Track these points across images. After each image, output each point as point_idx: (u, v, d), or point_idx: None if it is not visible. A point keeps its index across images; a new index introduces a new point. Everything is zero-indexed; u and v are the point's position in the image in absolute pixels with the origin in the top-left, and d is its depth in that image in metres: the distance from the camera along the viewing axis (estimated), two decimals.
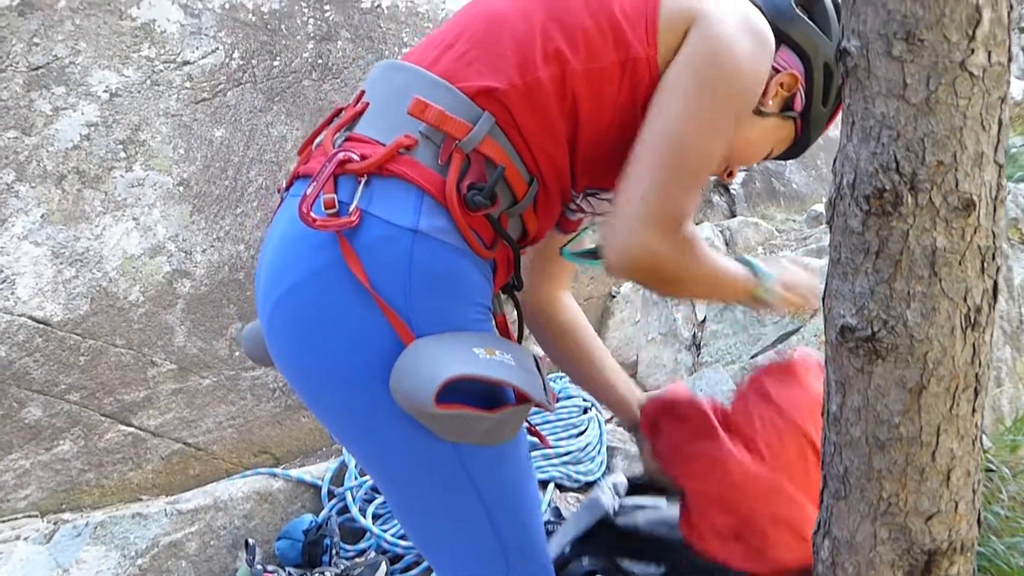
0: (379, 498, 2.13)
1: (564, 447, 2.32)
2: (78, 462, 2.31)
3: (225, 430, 2.52)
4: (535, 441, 2.07)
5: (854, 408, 0.83)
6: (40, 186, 2.29)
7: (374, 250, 0.99)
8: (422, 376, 0.94)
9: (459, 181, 1.02)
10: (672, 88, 1.06)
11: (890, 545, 0.84)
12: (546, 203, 1.12)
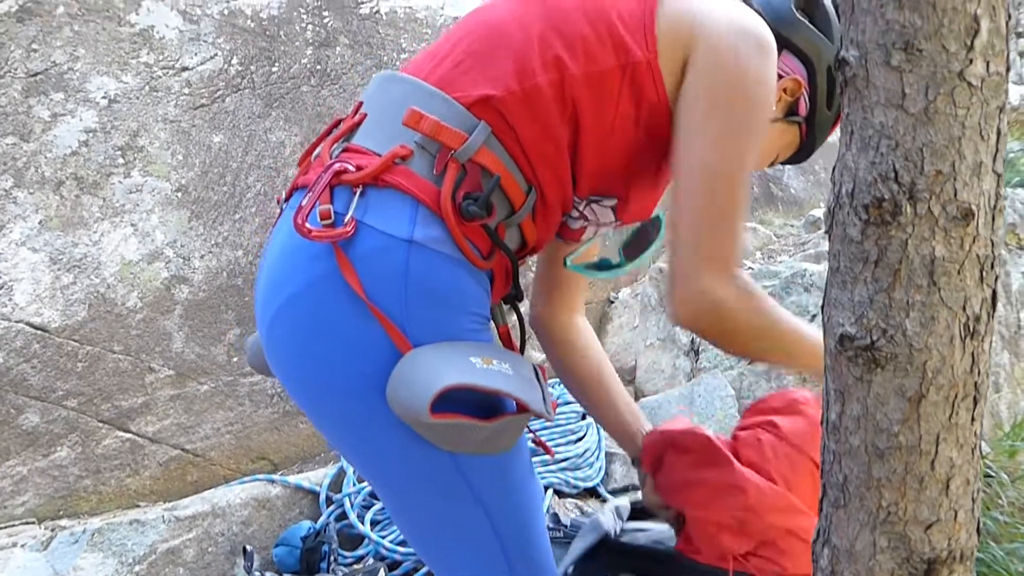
0: (377, 504, 2.12)
1: (562, 453, 2.32)
2: (75, 468, 2.30)
3: (223, 436, 2.52)
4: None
5: (853, 417, 0.83)
6: (38, 192, 2.29)
7: (369, 260, 0.99)
8: (418, 385, 0.94)
9: (454, 191, 1.02)
10: (692, 121, 1.07)
11: (889, 554, 0.84)
12: (545, 213, 1.12)
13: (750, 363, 2.57)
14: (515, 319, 1.22)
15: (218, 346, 2.52)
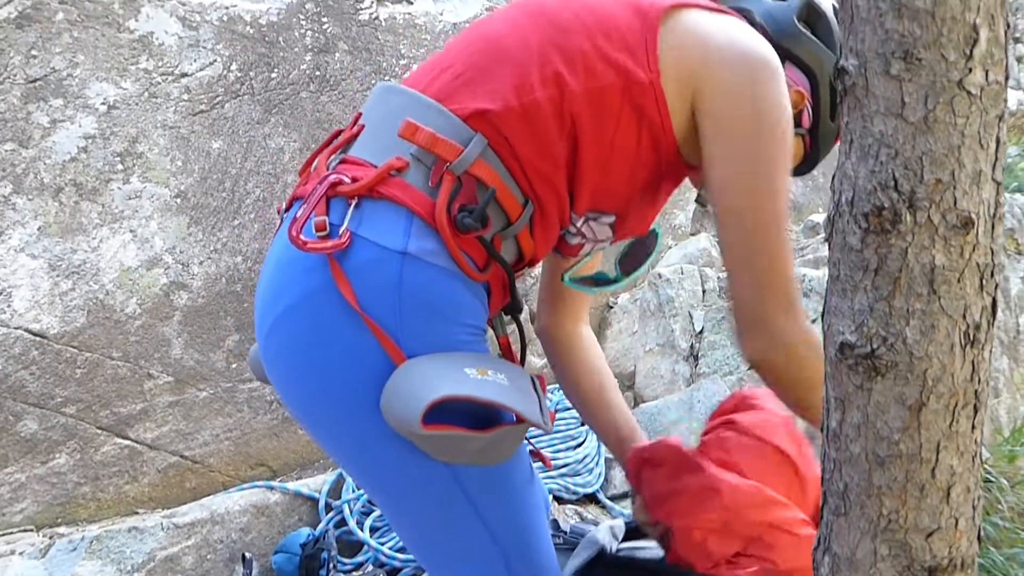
0: (376, 511, 2.12)
1: (562, 459, 2.32)
2: (74, 475, 2.30)
3: (222, 442, 2.51)
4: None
5: (853, 425, 0.83)
6: (37, 198, 2.29)
7: (364, 272, 1.00)
8: (411, 397, 0.93)
9: (449, 203, 1.01)
10: (726, 170, 1.08)
11: (890, 562, 0.84)
12: (543, 225, 1.11)
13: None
14: (515, 329, 1.22)
15: (217, 352, 2.51)
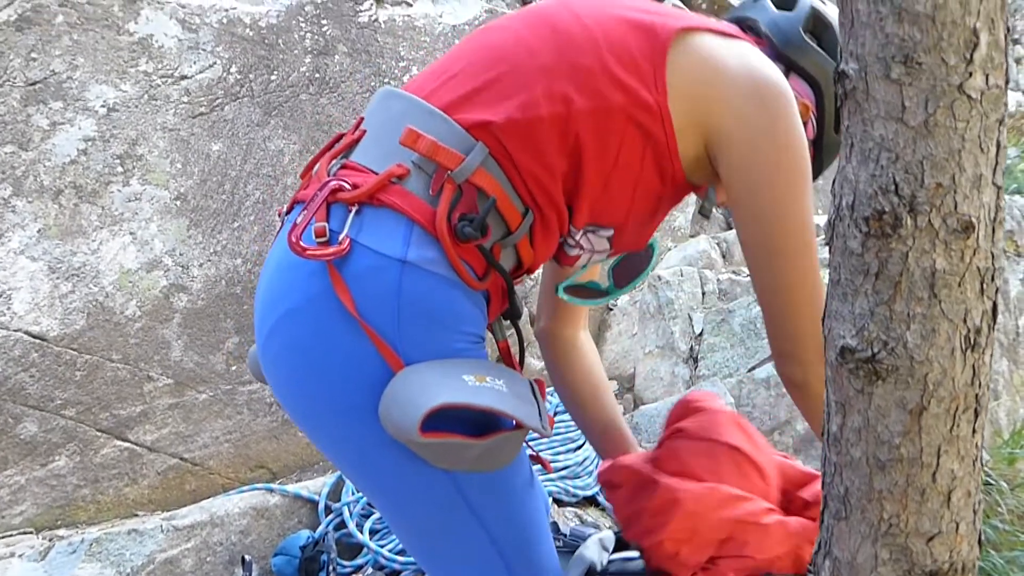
0: (376, 513, 2.12)
1: (561, 461, 2.31)
2: (74, 478, 2.29)
3: (222, 445, 2.51)
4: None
5: (854, 429, 0.83)
6: (37, 201, 2.29)
7: (363, 280, 0.99)
8: (409, 404, 0.93)
9: (450, 212, 1.01)
10: (749, 203, 1.10)
11: (891, 566, 0.84)
12: (543, 234, 1.11)
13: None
14: (514, 333, 1.22)
15: (217, 355, 2.51)
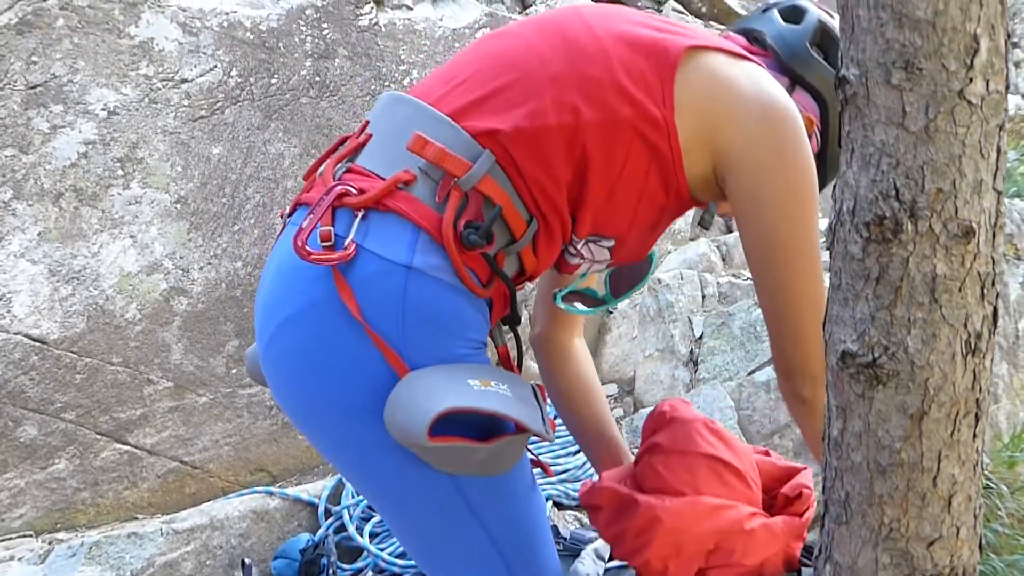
0: (376, 516, 2.12)
1: (562, 465, 2.31)
2: (73, 481, 2.29)
3: (221, 448, 2.51)
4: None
5: (855, 433, 0.83)
6: (37, 204, 2.29)
7: (368, 285, 0.99)
8: (415, 409, 0.93)
9: (456, 219, 1.01)
10: (758, 226, 1.10)
11: (892, 570, 0.84)
12: (547, 242, 1.11)
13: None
14: (512, 337, 1.22)
15: (217, 358, 2.51)
